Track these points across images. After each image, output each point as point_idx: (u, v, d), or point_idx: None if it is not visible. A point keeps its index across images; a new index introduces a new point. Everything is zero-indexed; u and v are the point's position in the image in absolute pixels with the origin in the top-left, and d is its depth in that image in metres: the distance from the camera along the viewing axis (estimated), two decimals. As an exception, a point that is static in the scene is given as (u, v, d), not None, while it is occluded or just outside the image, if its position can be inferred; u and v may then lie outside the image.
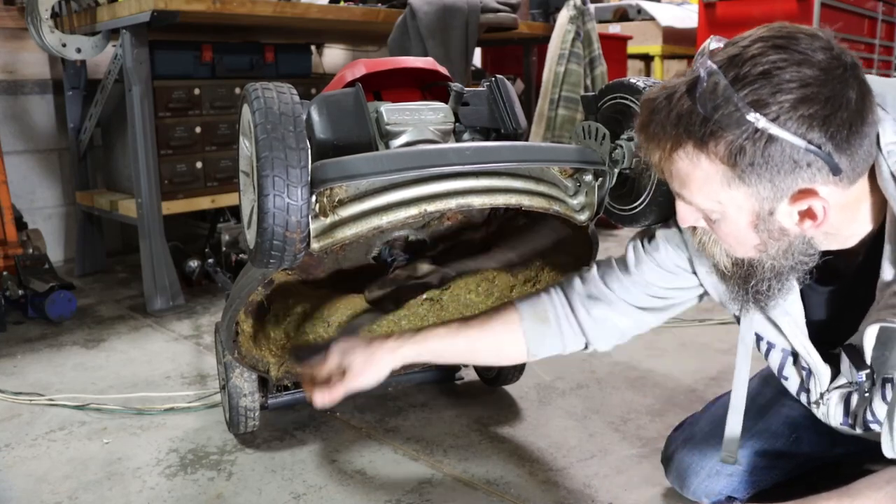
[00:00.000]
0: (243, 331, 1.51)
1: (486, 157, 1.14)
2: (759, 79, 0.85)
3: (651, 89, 0.96)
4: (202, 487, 1.51)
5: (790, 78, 0.84)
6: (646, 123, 0.94)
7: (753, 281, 1.02)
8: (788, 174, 0.87)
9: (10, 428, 1.78)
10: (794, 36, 0.87)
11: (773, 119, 0.84)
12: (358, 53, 4.27)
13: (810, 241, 0.97)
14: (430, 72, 1.52)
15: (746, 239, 0.96)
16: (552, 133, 3.68)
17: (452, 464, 1.59)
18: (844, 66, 0.86)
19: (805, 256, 0.97)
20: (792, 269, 0.99)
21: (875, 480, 1.01)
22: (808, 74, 0.84)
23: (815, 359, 1.10)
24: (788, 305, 1.08)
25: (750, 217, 0.93)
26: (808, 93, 0.84)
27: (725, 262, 1.04)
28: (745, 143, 0.86)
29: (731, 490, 1.34)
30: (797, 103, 0.84)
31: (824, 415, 1.15)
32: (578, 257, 1.56)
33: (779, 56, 0.85)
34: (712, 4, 3.99)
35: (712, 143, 0.88)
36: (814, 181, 0.87)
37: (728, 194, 0.91)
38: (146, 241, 2.65)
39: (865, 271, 0.99)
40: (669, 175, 0.96)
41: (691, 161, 0.91)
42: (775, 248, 0.96)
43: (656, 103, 0.92)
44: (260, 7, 2.60)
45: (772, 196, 0.89)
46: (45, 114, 3.27)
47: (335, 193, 1.14)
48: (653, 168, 0.99)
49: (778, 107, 0.84)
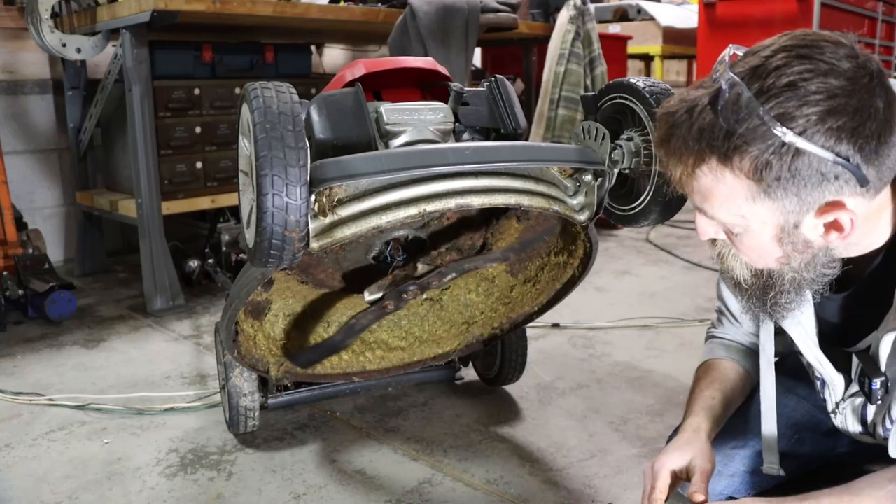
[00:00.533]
0: (243, 331, 1.50)
1: (485, 156, 1.14)
2: (785, 91, 0.82)
3: (669, 102, 0.93)
4: (202, 487, 1.51)
5: (816, 89, 0.81)
6: (666, 138, 0.91)
7: (773, 293, 1.00)
8: (815, 188, 0.84)
9: (10, 428, 1.78)
10: (818, 45, 0.84)
11: (800, 133, 0.82)
12: (358, 53, 4.27)
13: (832, 252, 0.95)
14: (430, 72, 1.52)
15: (770, 252, 0.94)
16: (552, 133, 3.67)
17: (452, 464, 1.58)
18: (871, 74, 0.84)
19: (826, 269, 0.96)
20: (813, 281, 0.97)
21: (877, 479, 1.00)
22: (835, 85, 0.82)
23: (828, 369, 1.09)
24: (801, 316, 1.07)
25: (774, 231, 0.91)
26: (836, 104, 0.81)
27: (745, 275, 1.02)
28: (771, 157, 0.83)
29: (733, 490, 1.33)
30: (825, 115, 0.81)
31: (842, 424, 1.14)
32: (578, 258, 1.56)
33: (804, 66, 0.82)
34: (712, 4, 3.99)
35: (737, 158, 0.85)
36: (841, 193, 0.85)
37: (752, 209, 0.89)
38: (146, 241, 2.65)
39: (880, 276, 0.98)
40: (691, 190, 0.93)
41: (715, 176, 0.88)
42: (798, 260, 0.94)
43: (676, 117, 0.90)
44: (260, 7, 2.60)
45: (798, 210, 0.87)
46: (45, 114, 3.27)
47: (334, 193, 1.14)
48: (666, 177, 0.96)
49: (805, 120, 0.81)
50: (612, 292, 2.83)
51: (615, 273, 3.12)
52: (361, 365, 1.69)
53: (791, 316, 1.05)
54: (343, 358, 1.67)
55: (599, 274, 3.05)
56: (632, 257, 3.41)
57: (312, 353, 1.61)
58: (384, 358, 1.71)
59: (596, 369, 2.07)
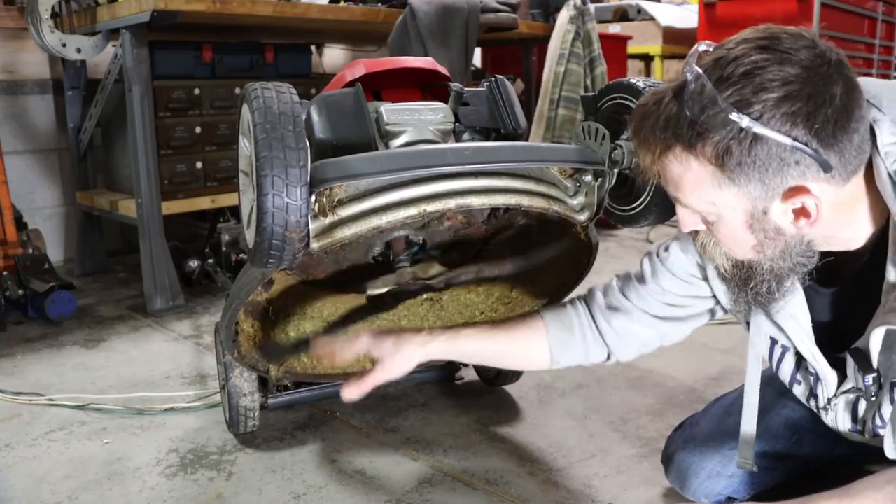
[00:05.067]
0: (243, 331, 1.50)
1: (485, 157, 1.14)
2: (742, 79, 0.86)
3: (643, 96, 0.97)
4: (202, 487, 1.51)
5: (772, 77, 0.85)
6: (637, 129, 0.96)
7: (753, 283, 1.02)
8: (777, 172, 0.87)
9: (10, 428, 1.78)
10: (777, 36, 0.88)
11: (756, 118, 0.85)
12: (358, 53, 4.27)
13: (809, 242, 0.97)
14: (430, 72, 1.52)
15: (743, 240, 0.97)
16: (552, 133, 3.67)
17: (452, 464, 1.58)
18: (829, 62, 0.87)
19: (803, 258, 0.98)
20: (791, 271, 0.99)
21: (875, 481, 1.00)
22: (791, 73, 0.85)
23: (822, 364, 1.10)
24: (793, 309, 1.08)
25: (744, 217, 0.93)
26: (791, 90, 0.84)
27: (725, 265, 1.05)
28: (730, 143, 0.87)
29: (732, 491, 1.33)
30: (780, 101, 0.84)
31: (833, 421, 1.15)
32: (578, 258, 1.56)
33: (761, 56, 0.86)
34: (712, 4, 3.99)
35: (700, 145, 0.89)
36: (804, 178, 0.88)
37: (720, 195, 0.92)
38: (146, 241, 2.65)
39: (869, 273, 0.99)
40: (664, 179, 0.97)
41: (681, 164, 0.92)
42: (772, 248, 0.96)
43: (646, 108, 0.94)
44: (260, 7, 2.60)
45: (763, 195, 0.90)
46: (45, 114, 3.27)
47: (334, 193, 1.14)
48: (647, 172, 1.00)
49: (761, 105, 0.85)
50: (612, 292, 2.83)
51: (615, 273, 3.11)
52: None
53: (781, 309, 1.07)
54: (343, 358, 1.67)
55: (599, 274, 3.03)
56: (632, 257, 3.41)
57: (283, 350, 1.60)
58: (384, 358, 1.71)
59: (596, 369, 2.07)
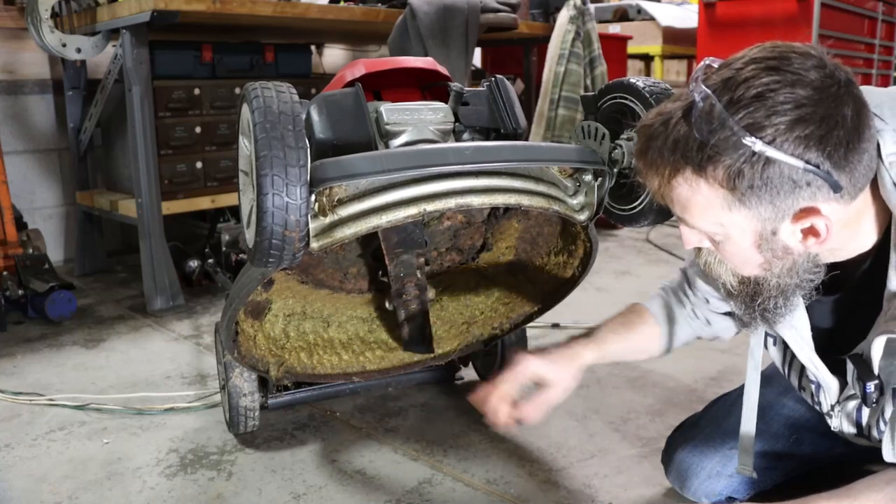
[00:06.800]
0: (243, 331, 1.50)
1: (485, 156, 1.14)
2: (754, 101, 0.85)
3: (647, 115, 0.96)
4: (202, 487, 1.51)
5: (784, 100, 0.84)
6: (643, 150, 0.94)
7: (760, 299, 1.02)
8: (788, 195, 0.87)
9: (10, 428, 1.78)
10: (786, 56, 0.87)
11: (769, 142, 0.84)
12: (358, 53, 4.27)
13: (815, 257, 0.97)
14: (430, 72, 1.52)
15: (751, 259, 0.96)
16: (552, 133, 3.67)
17: (452, 464, 1.58)
18: (838, 83, 0.86)
19: (810, 274, 0.98)
20: (798, 287, 0.99)
21: (875, 481, 1.00)
22: (802, 95, 0.84)
23: (823, 372, 1.10)
24: (794, 320, 1.08)
25: (753, 238, 0.93)
26: (803, 113, 0.84)
27: (731, 282, 1.04)
28: (743, 166, 0.86)
29: (732, 491, 1.34)
30: (792, 125, 0.84)
31: (837, 427, 1.15)
32: (578, 258, 1.57)
33: (772, 78, 0.85)
34: (712, 4, 3.98)
35: (710, 168, 0.88)
36: (815, 199, 0.87)
37: (729, 217, 0.91)
38: (146, 241, 2.65)
39: (870, 280, 0.99)
40: (670, 201, 0.96)
41: (690, 186, 0.91)
42: (780, 266, 0.96)
43: (653, 129, 0.92)
44: (260, 7, 2.60)
45: (773, 216, 0.89)
46: (45, 114, 3.27)
47: (334, 193, 1.14)
48: (654, 195, 0.99)
49: (774, 129, 0.84)
50: (613, 292, 2.83)
51: (615, 273, 3.12)
52: (361, 365, 1.69)
53: (784, 321, 1.07)
54: (343, 358, 1.67)
55: (599, 274, 3.05)
56: (632, 257, 3.41)
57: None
58: (384, 358, 1.71)
59: (596, 369, 2.06)
